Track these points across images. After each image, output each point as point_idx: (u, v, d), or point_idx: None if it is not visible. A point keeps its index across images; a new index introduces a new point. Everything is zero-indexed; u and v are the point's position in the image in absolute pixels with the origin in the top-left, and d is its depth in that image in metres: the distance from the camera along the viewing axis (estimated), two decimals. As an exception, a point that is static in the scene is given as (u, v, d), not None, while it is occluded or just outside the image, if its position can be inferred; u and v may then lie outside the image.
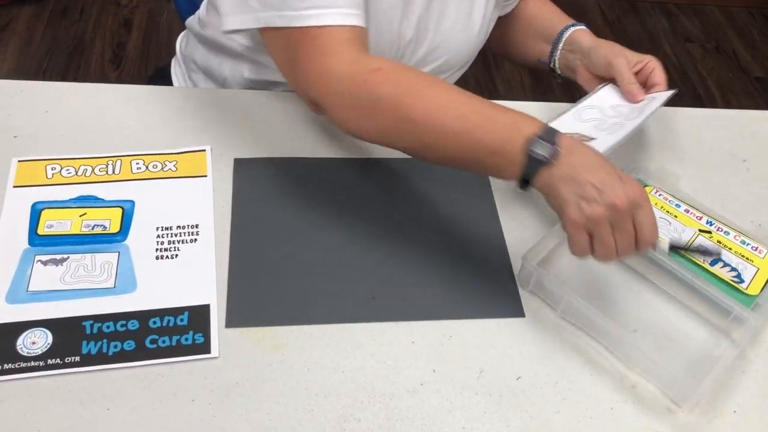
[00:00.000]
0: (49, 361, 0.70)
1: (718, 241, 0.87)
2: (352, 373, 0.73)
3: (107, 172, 0.88)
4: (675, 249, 0.84)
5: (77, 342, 0.72)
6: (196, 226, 0.84)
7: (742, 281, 0.83)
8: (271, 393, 0.71)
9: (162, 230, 0.83)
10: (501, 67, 2.40)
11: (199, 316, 0.76)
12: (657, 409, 0.74)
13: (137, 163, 0.90)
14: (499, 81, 2.36)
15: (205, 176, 0.89)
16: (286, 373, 0.73)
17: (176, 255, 0.81)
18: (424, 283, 0.82)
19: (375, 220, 0.87)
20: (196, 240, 0.82)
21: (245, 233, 0.84)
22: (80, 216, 0.83)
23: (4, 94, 0.96)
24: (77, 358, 0.71)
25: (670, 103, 0.97)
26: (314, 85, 0.77)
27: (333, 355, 0.75)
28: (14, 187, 0.85)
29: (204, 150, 0.92)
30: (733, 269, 0.85)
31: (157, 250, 0.81)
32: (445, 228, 0.88)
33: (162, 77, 1.16)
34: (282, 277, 0.80)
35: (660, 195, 0.92)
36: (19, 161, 0.88)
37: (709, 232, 0.88)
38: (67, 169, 0.88)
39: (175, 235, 0.83)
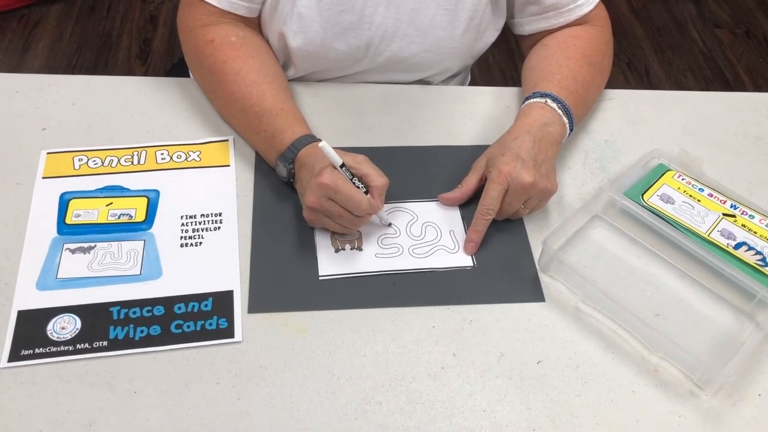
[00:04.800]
0: (78, 346, 0.72)
1: (743, 225, 0.86)
2: (373, 356, 0.74)
3: (132, 163, 0.90)
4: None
5: (105, 327, 0.74)
6: (220, 215, 0.85)
7: (766, 264, 0.82)
8: (293, 376, 0.72)
9: (186, 218, 0.85)
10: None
11: (222, 301, 0.77)
12: (680, 393, 0.74)
13: (162, 154, 0.91)
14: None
15: (228, 166, 0.91)
16: (308, 357, 0.74)
17: (200, 243, 0.82)
18: (444, 268, 0.82)
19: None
20: (219, 228, 0.84)
21: (267, 221, 0.85)
22: (107, 205, 0.85)
23: (33, 88, 0.98)
24: (105, 343, 0.73)
25: (697, 87, 0.94)
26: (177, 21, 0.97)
27: (354, 339, 0.76)
28: (43, 178, 0.88)
29: (227, 140, 0.94)
30: (758, 253, 0.84)
31: (181, 237, 0.83)
32: (464, 212, 0.88)
33: (181, 66, 1.18)
34: (303, 263, 0.81)
35: (683, 179, 0.91)
36: (47, 153, 0.90)
37: (733, 216, 0.87)
38: (94, 160, 0.90)
39: (199, 224, 0.84)
